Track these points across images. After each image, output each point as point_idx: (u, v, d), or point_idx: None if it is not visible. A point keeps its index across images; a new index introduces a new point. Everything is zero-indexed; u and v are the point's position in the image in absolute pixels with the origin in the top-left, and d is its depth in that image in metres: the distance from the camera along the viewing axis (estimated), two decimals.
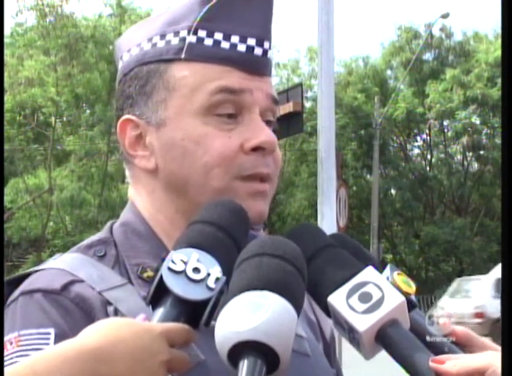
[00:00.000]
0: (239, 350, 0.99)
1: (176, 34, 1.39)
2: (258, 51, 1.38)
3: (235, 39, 1.37)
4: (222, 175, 1.33)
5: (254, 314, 0.99)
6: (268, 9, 1.41)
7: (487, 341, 1.22)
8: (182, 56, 1.37)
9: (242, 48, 1.37)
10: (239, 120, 1.36)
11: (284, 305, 1.01)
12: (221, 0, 1.38)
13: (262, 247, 1.09)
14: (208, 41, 1.37)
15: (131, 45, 1.44)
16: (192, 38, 1.37)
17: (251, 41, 1.38)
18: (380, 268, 1.22)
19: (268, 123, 1.40)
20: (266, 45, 1.40)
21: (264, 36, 1.39)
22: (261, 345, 0.98)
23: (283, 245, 1.09)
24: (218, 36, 1.37)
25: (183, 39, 1.38)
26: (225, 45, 1.37)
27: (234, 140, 1.34)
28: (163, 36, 1.40)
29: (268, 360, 0.99)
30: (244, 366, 0.98)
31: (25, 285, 1.29)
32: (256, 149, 1.35)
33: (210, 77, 1.35)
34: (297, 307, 1.05)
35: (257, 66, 1.38)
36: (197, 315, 1.12)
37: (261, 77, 1.39)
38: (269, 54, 1.41)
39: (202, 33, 1.37)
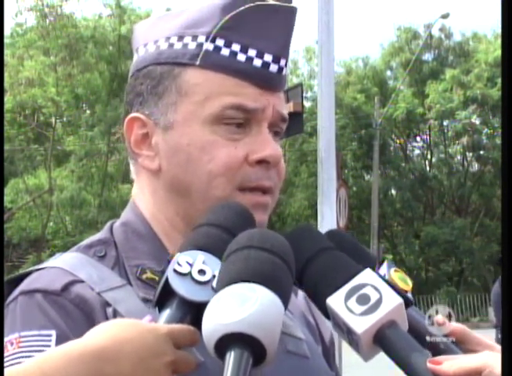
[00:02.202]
0: (226, 342, 0.99)
1: (194, 38, 1.38)
2: (274, 68, 1.38)
3: (252, 53, 1.37)
4: (225, 184, 1.34)
5: (241, 306, 1.00)
6: (289, 27, 1.41)
7: (482, 338, 1.23)
8: (198, 62, 1.37)
9: (258, 63, 1.37)
10: (247, 130, 1.36)
11: (272, 298, 1.02)
12: (243, 11, 1.37)
13: (251, 239, 1.09)
14: (225, 51, 1.37)
15: (148, 40, 1.43)
16: (209, 46, 1.37)
17: (268, 57, 1.37)
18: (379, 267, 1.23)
19: (276, 133, 1.41)
20: (282, 62, 1.39)
21: (281, 53, 1.39)
22: (248, 337, 0.99)
23: (271, 238, 1.10)
24: (236, 47, 1.37)
25: (200, 45, 1.37)
26: (241, 57, 1.36)
27: (240, 151, 1.35)
28: (181, 38, 1.39)
29: (254, 352, 1.00)
30: (231, 357, 0.98)
31: (25, 284, 1.29)
32: (260, 162, 1.36)
33: (225, 91, 1.35)
34: (285, 300, 1.05)
35: (271, 82, 1.38)
36: (203, 316, 1.12)
37: (273, 92, 1.39)
38: (284, 71, 1.40)
39: (220, 42, 1.37)
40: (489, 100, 30.92)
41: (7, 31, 30.28)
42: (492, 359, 1.07)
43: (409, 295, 1.21)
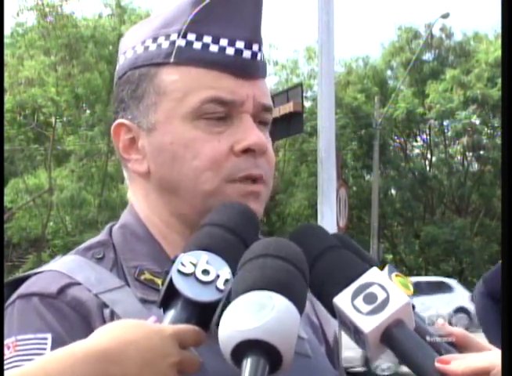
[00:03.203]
0: (243, 349, 0.99)
1: (167, 37, 1.38)
2: (247, 54, 1.37)
3: (223, 42, 1.36)
4: (213, 178, 1.33)
5: (257, 313, 1.00)
6: (258, 12, 1.40)
7: (484, 343, 1.22)
8: (171, 59, 1.36)
9: (230, 51, 1.36)
10: (229, 123, 1.35)
11: (288, 306, 1.02)
12: (211, 2, 1.37)
13: (266, 248, 1.10)
14: (197, 45, 1.36)
15: (127, 47, 1.44)
16: (181, 42, 1.37)
17: (240, 44, 1.36)
18: (380, 268, 1.22)
19: (261, 123, 1.39)
20: (255, 47, 1.38)
21: (253, 38, 1.38)
22: (265, 344, 0.99)
23: (286, 247, 1.10)
24: (207, 39, 1.36)
25: (173, 42, 1.37)
26: (213, 48, 1.36)
27: (223, 144, 1.34)
28: (155, 39, 1.40)
29: (271, 359, 1.00)
30: (247, 364, 0.98)
31: (23, 288, 1.29)
32: (246, 151, 1.34)
33: (201, 84, 1.34)
34: (300, 308, 1.05)
35: (247, 69, 1.37)
36: (208, 317, 1.12)
37: (252, 80, 1.38)
38: (259, 56, 1.39)
39: (191, 36, 1.37)
40: (489, 100, 30.97)
41: (7, 31, 30.38)
42: (499, 358, 1.07)
43: (411, 300, 1.21)
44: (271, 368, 1.00)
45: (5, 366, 1.16)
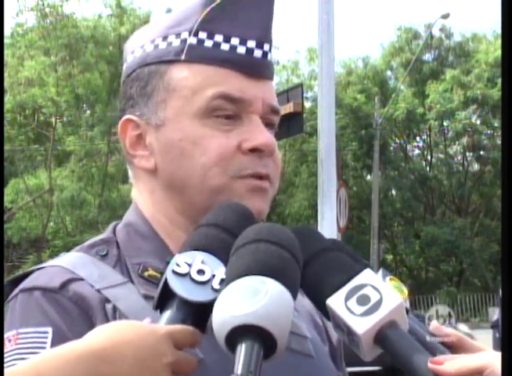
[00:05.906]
0: (237, 335, 1.00)
1: (177, 35, 1.40)
2: (258, 53, 1.38)
3: (235, 41, 1.38)
4: (220, 174, 1.34)
5: (251, 299, 1.00)
6: (269, 12, 1.42)
7: (479, 345, 1.22)
8: (182, 57, 1.38)
9: (241, 50, 1.38)
10: (238, 122, 1.36)
11: (281, 291, 1.03)
12: (222, 1, 1.39)
13: (259, 233, 1.10)
14: (208, 43, 1.38)
15: (134, 47, 1.45)
16: (192, 40, 1.38)
17: (251, 44, 1.38)
18: (378, 268, 1.23)
19: (269, 125, 1.40)
20: (266, 47, 1.40)
21: (264, 38, 1.40)
22: (259, 330, 0.99)
23: (279, 232, 1.11)
24: (218, 38, 1.38)
25: (184, 41, 1.39)
26: (224, 46, 1.37)
27: (232, 140, 1.35)
28: (165, 38, 1.41)
29: (265, 345, 1.00)
30: (242, 350, 0.99)
31: (26, 282, 1.30)
32: (254, 150, 1.35)
33: (211, 81, 1.36)
34: (294, 293, 1.06)
35: (257, 68, 1.39)
36: (204, 317, 1.12)
37: (261, 80, 1.39)
38: (269, 56, 1.41)
39: (202, 34, 1.38)
40: (489, 100, 30.92)
41: (7, 31, 30.31)
42: (493, 358, 1.07)
43: (404, 303, 1.21)
44: (265, 353, 1.00)
45: (6, 359, 1.18)
